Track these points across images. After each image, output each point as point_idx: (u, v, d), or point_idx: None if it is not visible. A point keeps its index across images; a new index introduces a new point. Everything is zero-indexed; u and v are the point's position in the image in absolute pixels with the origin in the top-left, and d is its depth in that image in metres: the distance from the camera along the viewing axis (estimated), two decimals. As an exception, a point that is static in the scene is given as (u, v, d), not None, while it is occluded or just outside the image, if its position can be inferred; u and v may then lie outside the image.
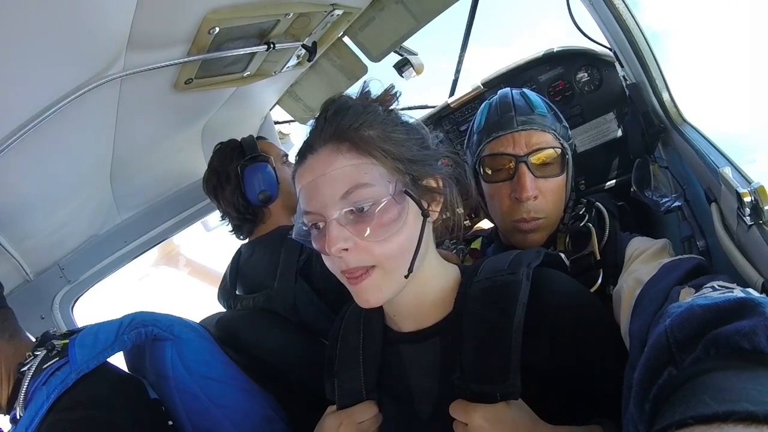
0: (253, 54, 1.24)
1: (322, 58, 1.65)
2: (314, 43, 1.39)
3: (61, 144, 1.13)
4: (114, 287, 2.14)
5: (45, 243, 1.61)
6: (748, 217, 0.81)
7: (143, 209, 1.97)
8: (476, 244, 1.39)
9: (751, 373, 0.38)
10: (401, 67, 1.86)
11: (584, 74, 1.70)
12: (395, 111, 0.84)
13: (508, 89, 1.23)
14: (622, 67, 1.47)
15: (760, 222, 0.79)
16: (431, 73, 2.03)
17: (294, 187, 0.82)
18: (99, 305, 2.10)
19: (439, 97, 2.04)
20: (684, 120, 1.28)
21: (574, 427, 0.72)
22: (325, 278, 1.30)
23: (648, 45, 1.26)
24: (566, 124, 1.20)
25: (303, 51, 1.38)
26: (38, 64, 0.80)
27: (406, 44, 1.75)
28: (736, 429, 0.33)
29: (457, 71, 2.12)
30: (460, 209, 0.88)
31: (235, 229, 1.54)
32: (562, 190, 1.14)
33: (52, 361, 1.00)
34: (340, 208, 0.73)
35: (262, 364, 1.31)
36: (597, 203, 1.17)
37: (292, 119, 2.09)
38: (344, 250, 0.73)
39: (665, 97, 1.29)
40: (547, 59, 1.74)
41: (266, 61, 1.34)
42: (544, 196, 1.11)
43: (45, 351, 1.02)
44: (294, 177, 0.82)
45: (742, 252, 0.85)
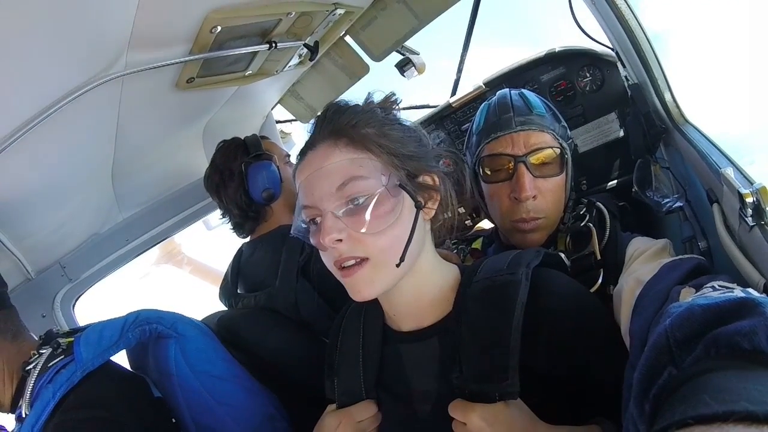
0: (255, 53, 1.24)
1: (324, 58, 1.65)
2: (316, 43, 1.39)
3: (62, 142, 1.13)
4: (115, 286, 2.14)
5: (46, 241, 1.61)
6: (750, 218, 0.81)
7: (144, 208, 1.97)
8: (477, 244, 1.39)
9: (752, 373, 0.38)
10: (403, 67, 1.86)
11: (586, 74, 1.69)
12: (393, 112, 0.86)
13: (507, 90, 1.24)
14: (624, 67, 1.47)
15: (762, 223, 0.79)
16: (433, 73, 2.03)
17: (295, 185, 0.84)
18: (100, 304, 2.10)
19: (440, 97, 2.04)
20: (686, 120, 1.27)
21: (573, 427, 0.72)
22: (323, 278, 1.30)
23: (650, 45, 1.25)
24: (565, 124, 1.20)
25: (305, 50, 1.38)
26: (40, 62, 0.80)
27: (408, 43, 1.74)
28: (737, 429, 0.33)
29: (459, 71, 2.11)
30: (461, 209, 0.88)
31: (237, 227, 1.53)
32: (561, 189, 1.14)
33: (58, 359, 1.00)
34: (335, 201, 0.75)
35: (263, 362, 1.31)
36: (598, 203, 1.17)
37: (293, 118, 2.10)
38: (338, 240, 0.74)
39: (667, 97, 1.29)
40: (549, 59, 1.73)
41: (268, 60, 1.34)
42: (544, 195, 1.11)
43: (50, 349, 1.02)
44: (294, 174, 0.84)
45: (744, 253, 0.85)
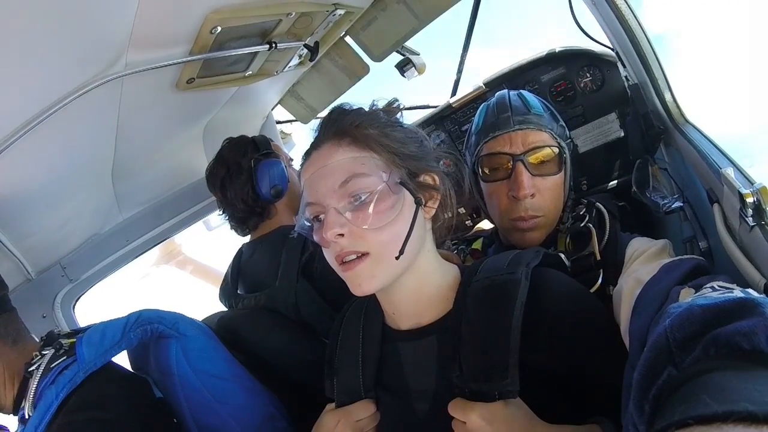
0: (255, 53, 1.24)
1: (324, 58, 1.65)
2: (316, 43, 1.39)
3: (62, 142, 1.13)
4: (115, 286, 2.14)
5: (46, 242, 1.61)
6: (750, 218, 0.81)
7: (145, 208, 1.97)
8: (477, 245, 1.39)
9: (751, 373, 0.38)
10: (403, 67, 1.86)
11: (586, 74, 1.69)
12: (396, 116, 0.89)
13: (506, 91, 1.25)
14: (624, 67, 1.47)
15: (763, 223, 0.79)
16: (433, 73, 2.03)
17: (301, 184, 0.87)
18: (100, 304, 2.10)
19: (440, 97, 2.04)
20: (686, 120, 1.27)
21: (572, 427, 0.72)
22: (325, 278, 1.30)
23: (650, 45, 1.25)
24: (563, 124, 1.21)
25: (305, 51, 1.38)
26: (40, 62, 0.80)
27: (408, 44, 1.74)
28: (736, 429, 0.33)
29: (459, 71, 2.11)
30: (461, 209, 0.89)
31: (240, 222, 1.52)
32: (559, 188, 1.15)
33: (60, 360, 1.00)
34: (338, 197, 0.78)
35: (264, 363, 1.31)
36: (597, 204, 1.17)
37: (293, 119, 2.10)
38: (339, 235, 0.76)
39: (667, 97, 1.29)
40: (549, 59, 1.73)
41: (268, 61, 1.34)
42: (542, 194, 1.12)
43: (53, 350, 1.02)
44: (300, 173, 0.87)
45: (745, 253, 0.85)
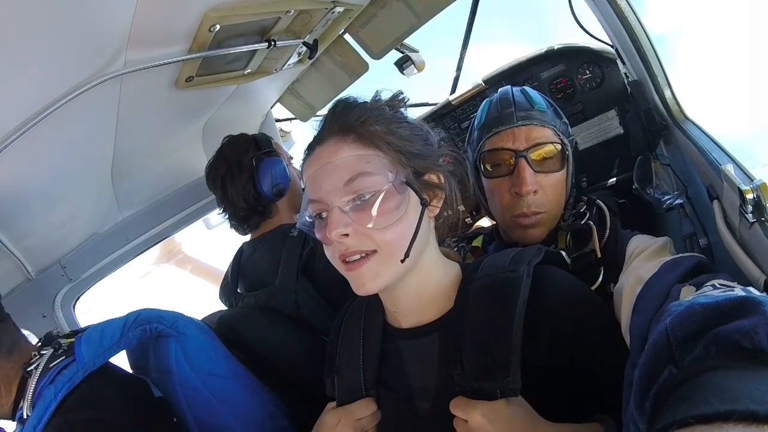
0: (254, 51, 1.24)
1: (323, 56, 1.65)
2: (315, 41, 1.39)
3: (61, 141, 1.13)
4: (116, 285, 2.14)
5: (46, 241, 1.61)
6: (750, 215, 0.81)
7: (144, 207, 1.97)
8: (477, 242, 1.39)
9: (752, 372, 0.38)
10: (402, 65, 1.86)
11: (586, 71, 1.69)
12: (400, 111, 0.87)
13: (509, 87, 1.23)
14: (623, 64, 1.46)
15: (763, 219, 0.79)
16: (432, 70, 2.03)
17: (303, 180, 0.85)
18: (101, 304, 2.10)
19: (440, 95, 2.04)
20: (686, 117, 1.27)
21: (574, 425, 0.72)
22: (328, 275, 1.30)
23: (650, 42, 1.25)
24: (566, 121, 1.20)
25: (304, 48, 1.38)
26: (39, 61, 0.80)
27: (407, 41, 1.74)
28: (737, 428, 0.33)
29: (459, 68, 2.11)
30: (461, 206, 0.88)
31: (241, 221, 1.51)
32: (562, 185, 1.14)
33: (59, 360, 1.00)
34: (342, 196, 0.77)
35: (264, 361, 1.31)
36: (598, 201, 1.17)
37: (293, 117, 2.09)
38: (344, 235, 0.76)
39: (667, 94, 1.29)
40: (549, 56, 1.73)
41: (267, 59, 1.34)
42: (544, 191, 1.11)
43: (51, 350, 1.02)
44: (302, 168, 0.85)
45: (745, 249, 0.85)
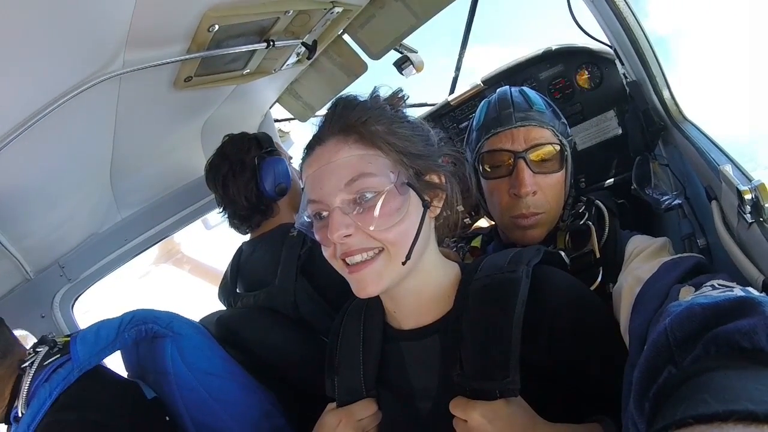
0: (253, 51, 1.24)
1: (322, 56, 1.65)
2: (314, 41, 1.39)
3: (60, 141, 1.13)
4: (114, 286, 2.14)
5: (45, 241, 1.61)
6: (748, 215, 0.81)
7: (143, 207, 1.96)
8: (476, 243, 1.39)
9: (752, 372, 0.38)
10: (401, 65, 1.86)
11: (585, 72, 1.69)
12: (402, 110, 0.86)
13: (507, 87, 1.23)
14: (622, 64, 1.46)
15: (761, 219, 0.79)
16: (431, 71, 2.03)
17: (302, 179, 0.84)
18: (100, 304, 2.10)
19: (439, 95, 2.04)
20: (684, 117, 1.27)
21: (573, 425, 0.72)
22: (327, 275, 1.30)
23: (648, 42, 1.25)
24: (565, 121, 1.19)
25: (303, 49, 1.38)
26: (37, 61, 0.80)
27: (406, 42, 1.74)
28: (737, 428, 0.33)
29: (457, 69, 2.11)
30: (460, 207, 0.88)
31: (242, 220, 1.50)
32: (561, 186, 1.14)
33: (54, 358, 1.00)
34: (343, 196, 0.75)
35: (263, 361, 1.31)
36: (597, 201, 1.17)
37: (291, 117, 2.09)
38: (346, 236, 0.75)
39: (665, 94, 1.29)
40: (548, 57, 1.73)
41: (266, 59, 1.34)
42: (543, 191, 1.11)
43: (46, 347, 1.02)
44: (302, 168, 0.84)
45: (743, 250, 0.85)
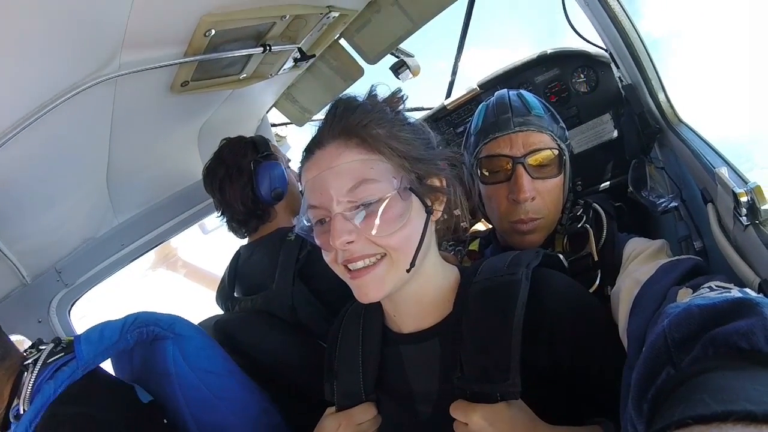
0: (250, 56, 1.24)
1: (319, 61, 1.65)
2: (311, 46, 1.39)
3: (56, 144, 1.12)
4: (111, 290, 2.13)
5: (41, 246, 1.60)
6: (744, 217, 0.81)
7: (140, 212, 1.96)
8: (474, 246, 1.39)
9: (750, 373, 0.38)
10: (397, 69, 1.86)
11: (580, 75, 1.70)
12: (402, 112, 0.85)
13: (505, 90, 1.23)
14: (618, 68, 1.47)
15: (757, 222, 0.80)
16: (427, 75, 2.03)
17: (301, 183, 0.83)
18: (96, 309, 2.09)
19: (435, 99, 2.05)
20: (680, 120, 1.28)
21: (573, 428, 0.72)
22: (325, 279, 1.30)
23: (643, 46, 1.26)
24: (563, 125, 1.19)
25: (299, 53, 1.38)
26: (32, 61, 0.80)
27: (403, 45, 1.74)
28: (735, 429, 0.33)
29: (454, 73, 2.12)
30: (457, 210, 0.88)
31: (239, 224, 1.50)
32: (559, 190, 1.14)
33: (57, 356, 1.00)
34: (345, 202, 0.74)
35: (260, 366, 1.31)
36: (594, 204, 1.17)
37: (288, 121, 2.09)
38: (348, 243, 0.74)
39: (661, 97, 1.30)
40: (544, 60, 1.74)
41: (263, 64, 1.34)
42: (542, 196, 1.11)
43: (51, 345, 1.02)
44: (301, 171, 0.83)
45: (739, 252, 0.85)
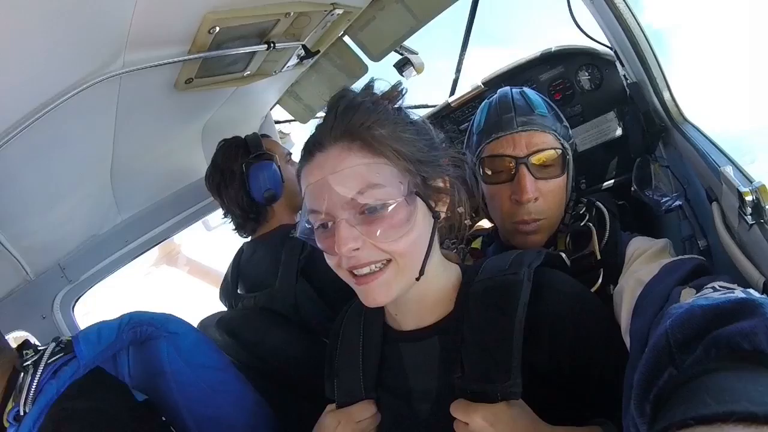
0: (254, 53, 1.24)
1: (323, 58, 1.65)
2: (315, 43, 1.39)
3: (60, 141, 1.13)
4: (115, 287, 2.14)
5: (45, 242, 1.61)
6: (749, 216, 0.81)
7: (144, 209, 1.96)
8: (476, 244, 1.39)
9: (752, 374, 0.38)
10: (401, 67, 1.86)
11: (585, 73, 1.69)
12: (404, 110, 0.83)
13: (508, 88, 1.22)
14: (622, 66, 1.46)
15: (762, 221, 0.79)
16: (432, 72, 2.03)
17: (299, 185, 0.81)
18: (100, 305, 2.10)
19: (439, 96, 2.04)
20: (685, 119, 1.27)
21: (574, 428, 0.72)
22: (328, 277, 1.30)
23: (648, 44, 1.25)
24: (567, 124, 1.18)
25: (303, 50, 1.38)
26: (37, 59, 0.80)
27: (407, 43, 1.74)
28: (737, 429, 0.33)
29: (458, 70, 2.11)
30: (461, 209, 0.87)
31: (238, 227, 1.52)
32: (562, 190, 1.13)
33: (57, 357, 1.00)
34: (350, 208, 0.72)
35: (263, 363, 1.31)
36: (597, 203, 1.16)
37: (292, 119, 2.09)
38: (355, 250, 0.73)
39: (666, 96, 1.29)
40: (548, 58, 1.73)
41: (266, 61, 1.34)
42: (545, 197, 1.10)
43: (53, 344, 1.03)
44: (300, 174, 0.80)
45: (743, 251, 0.85)
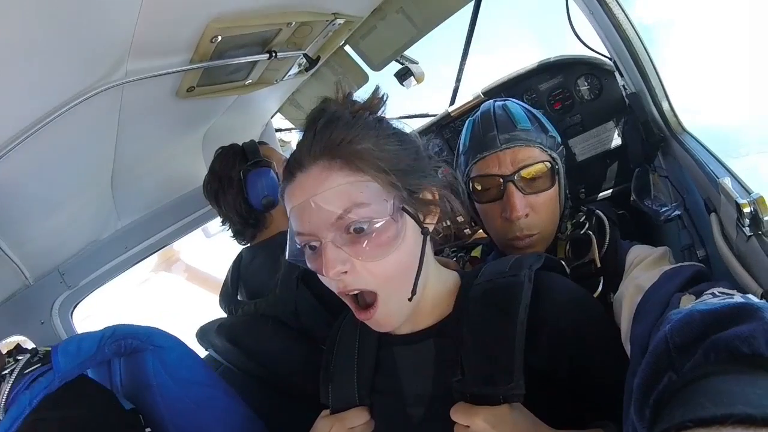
0: (255, 62, 1.25)
1: (324, 67, 1.66)
2: (316, 52, 1.40)
3: (62, 149, 1.13)
4: (114, 293, 2.13)
5: (45, 248, 1.61)
6: (747, 228, 0.81)
7: (144, 215, 1.97)
8: (476, 252, 1.39)
9: (750, 377, 0.38)
10: (402, 76, 1.87)
11: (584, 83, 1.70)
12: (385, 119, 0.80)
13: (490, 104, 1.21)
14: (621, 76, 1.48)
15: (760, 233, 0.79)
16: (432, 80, 2.04)
17: (285, 206, 0.78)
18: (99, 311, 2.10)
19: (440, 105, 2.05)
20: (684, 129, 1.28)
21: (575, 431, 0.72)
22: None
23: (647, 54, 1.26)
24: (554, 134, 1.17)
25: (304, 60, 1.39)
26: (40, 68, 0.80)
27: (407, 53, 1.76)
28: (735, 431, 0.33)
29: (458, 79, 2.13)
30: (460, 217, 0.87)
31: (237, 234, 1.53)
32: (554, 202, 1.12)
33: (34, 367, 1.00)
34: (335, 230, 0.70)
35: (262, 370, 1.31)
36: (597, 211, 1.17)
37: (293, 127, 2.11)
38: (343, 273, 0.71)
39: (665, 106, 1.30)
40: (547, 68, 1.74)
41: (268, 70, 1.35)
42: (536, 211, 1.09)
43: (28, 355, 1.02)
44: (283, 195, 0.78)
45: (742, 262, 0.85)
